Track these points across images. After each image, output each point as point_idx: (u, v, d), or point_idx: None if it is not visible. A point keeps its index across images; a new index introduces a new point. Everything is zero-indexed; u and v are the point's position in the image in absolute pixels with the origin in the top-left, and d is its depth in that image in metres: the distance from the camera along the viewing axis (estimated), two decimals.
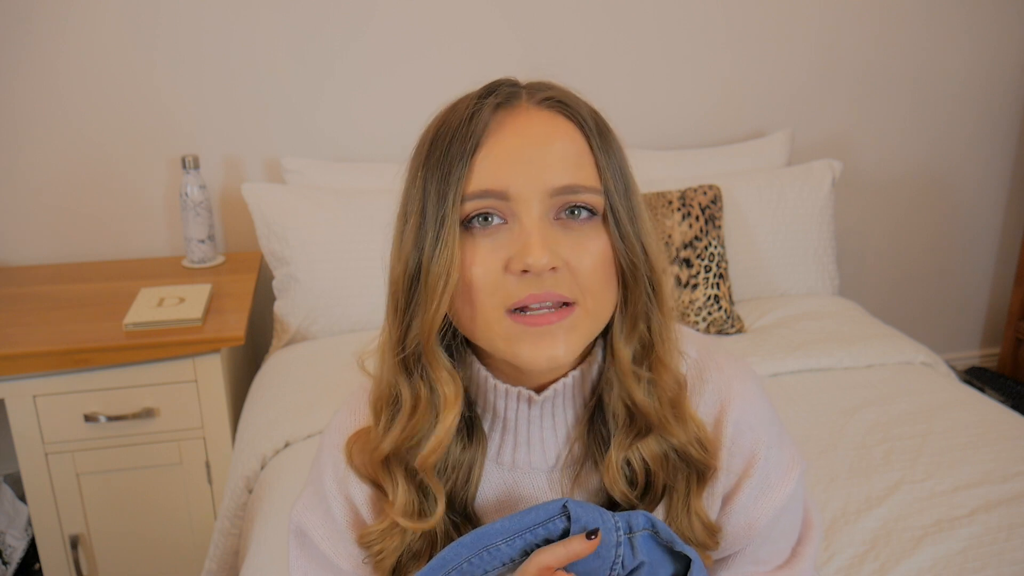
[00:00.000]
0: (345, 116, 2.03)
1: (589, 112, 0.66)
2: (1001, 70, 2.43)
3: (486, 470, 0.73)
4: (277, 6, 1.91)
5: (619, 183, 0.65)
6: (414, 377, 0.67)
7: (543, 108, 0.65)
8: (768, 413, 0.76)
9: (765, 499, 0.74)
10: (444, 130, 0.64)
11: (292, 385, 1.62)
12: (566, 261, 0.62)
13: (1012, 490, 1.29)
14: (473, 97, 0.65)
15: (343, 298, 1.79)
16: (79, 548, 1.65)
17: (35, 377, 1.54)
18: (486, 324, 0.63)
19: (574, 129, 0.65)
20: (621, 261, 0.65)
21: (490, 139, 0.63)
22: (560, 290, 0.62)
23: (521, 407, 0.70)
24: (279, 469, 1.39)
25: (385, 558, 0.70)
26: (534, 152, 0.62)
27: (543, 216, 0.62)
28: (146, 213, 2.00)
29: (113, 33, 1.86)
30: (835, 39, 2.26)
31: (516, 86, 0.67)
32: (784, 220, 2.00)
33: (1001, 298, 2.72)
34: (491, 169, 0.62)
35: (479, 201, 0.62)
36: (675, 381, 0.70)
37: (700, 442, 0.71)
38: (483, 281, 0.62)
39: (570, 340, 0.63)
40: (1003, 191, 2.59)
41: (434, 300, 0.62)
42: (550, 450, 0.72)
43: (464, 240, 0.63)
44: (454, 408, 0.66)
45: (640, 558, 0.69)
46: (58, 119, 1.89)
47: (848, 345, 1.74)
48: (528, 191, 0.62)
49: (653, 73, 2.17)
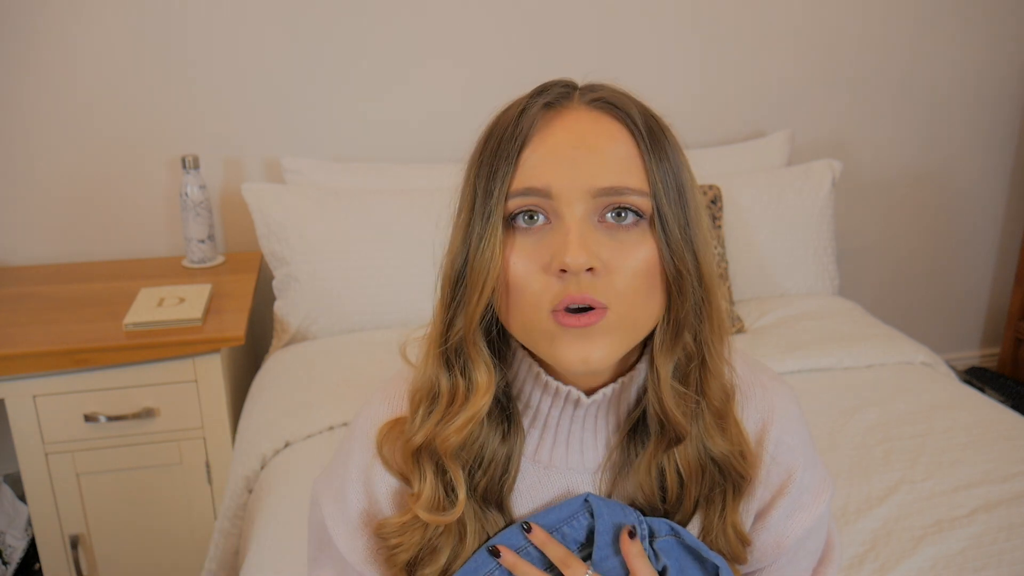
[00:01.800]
0: (345, 116, 2.03)
1: (641, 113, 0.65)
2: (1001, 70, 2.43)
3: (523, 467, 0.72)
4: (278, 7, 1.91)
5: (670, 187, 0.63)
6: (454, 370, 0.67)
7: (592, 109, 0.64)
8: (806, 435, 0.76)
9: (796, 518, 0.75)
10: (496, 129, 0.64)
11: (292, 385, 1.61)
12: (606, 263, 0.61)
13: (1012, 490, 1.29)
14: (525, 97, 0.65)
15: (343, 298, 1.79)
16: (79, 548, 1.65)
17: (35, 377, 1.54)
18: (526, 321, 0.63)
19: (623, 131, 0.64)
20: (666, 269, 0.63)
21: (536, 137, 0.62)
22: (595, 294, 0.60)
23: (567, 408, 0.70)
24: (279, 469, 1.39)
25: (402, 552, 0.70)
26: (579, 152, 0.61)
27: (585, 217, 0.61)
28: (146, 213, 2.00)
29: (114, 33, 1.86)
30: (835, 39, 2.26)
31: (569, 86, 0.66)
32: (784, 220, 2.00)
33: (1001, 298, 2.72)
34: (535, 167, 0.62)
35: (522, 199, 0.62)
36: (723, 390, 0.69)
37: (743, 453, 0.70)
38: (523, 279, 0.62)
39: (605, 345, 0.62)
40: (1003, 191, 2.59)
41: (475, 294, 0.63)
42: (588, 453, 0.72)
43: (507, 237, 0.63)
44: (485, 395, 0.66)
45: (663, 562, 0.69)
46: (58, 120, 1.89)
47: (848, 345, 1.74)
48: (571, 190, 0.61)
49: (653, 73, 2.17)
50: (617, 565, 0.68)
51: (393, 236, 1.80)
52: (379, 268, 1.79)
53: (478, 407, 0.66)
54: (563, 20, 2.06)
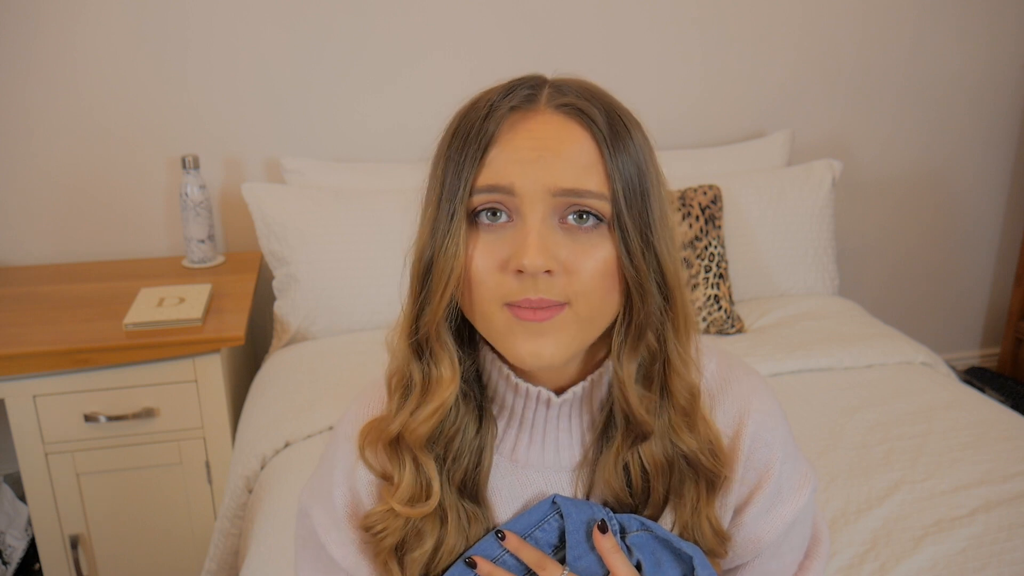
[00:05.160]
0: (345, 116, 2.03)
1: (606, 116, 0.65)
2: (1001, 70, 2.43)
3: (501, 467, 0.74)
4: (278, 8, 1.91)
5: (632, 190, 0.64)
6: (424, 359, 0.68)
7: (558, 113, 0.65)
8: (784, 430, 0.76)
9: (775, 513, 0.75)
10: (463, 125, 0.66)
11: (292, 385, 1.61)
12: (564, 264, 0.63)
13: (1012, 490, 1.29)
14: (493, 92, 0.66)
15: (343, 298, 1.79)
16: (79, 548, 1.65)
17: (35, 377, 1.54)
18: (484, 316, 0.65)
19: (586, 135, 0.64)
20: (625, 272, 0.64)
21: (502, 139, 0.64)
22: (552, 295, 0.62)
23: (539, 408, 0.71)
24: (279, 469, 1.39)
25: (388, 536, 0.71)
26: (542, 154, 0.63)
27: (546, 218, 0.63)
28: (146, 213, 2.00)
29: (114, 33, 1.86)
30: (836, 39, 2.26)
31: (536, 87, 0.67)
32: (784, 220, 2.00)
33: (1001, 298, 2.72)
34: (500, 165, 0.63)
35: (487, 195, 0.64)
36: (688, 390, 0.70)
37: (712, 450, 0.71)
38: (482, 275, 0.64)
39: (559, 340, 0.63)
40: (1003, 190, 2.59)
41: (439, 290, 0.64)
42: (564, 451, 0.73)
43: (470, 233, 0.64)
44: (448, 388, 0.67)
45: (636, 556, 0.69)
46: (58, 120, 1.89)
47: (848, 345, 1.74)
48: (533, 189, 0.62)
49: (653, 73, 2.17)
50: (593, 562, 0.69)
51: (393, 236, 1.80)
52: (379, 268, 1.79)
53: (442, 399, 0.67)
54: (564, 20, 2.06)
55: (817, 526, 0.83)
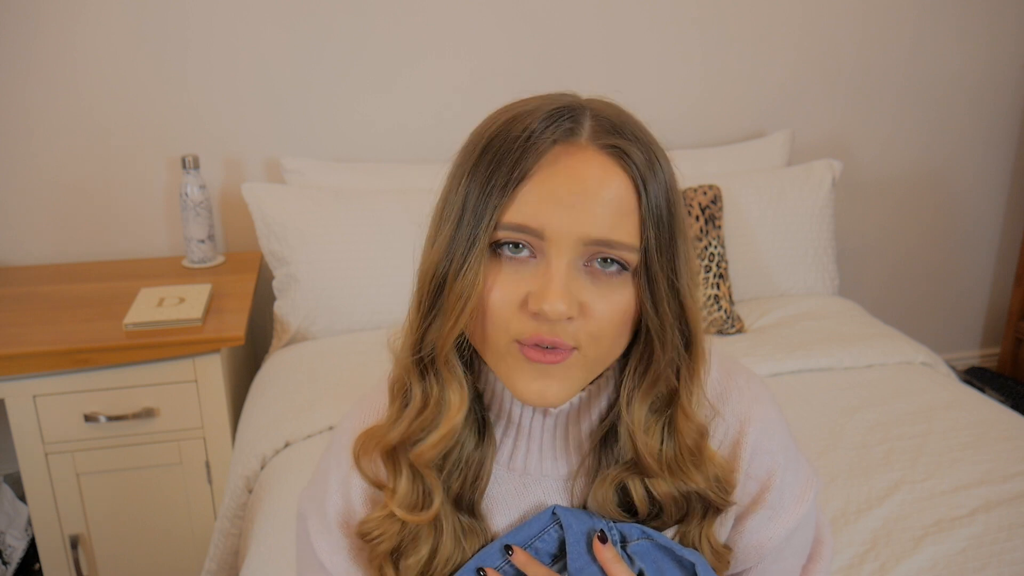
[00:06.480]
0: (345, 116, 2.03)
1: (645, 156, 0.62)
2: (1001, 70, 2.43)
3: (498, 475, 0.73)
4: (278, 8, 1.91)
5: (663, 238, 0.62)
6: (427, 378, 0.67)
7: (600, 152, 0.62)
8: (785, 437, 0.76)
9: (777, 521, 0.74)
10: (495, 146, 0.62)
11: (292, 385, 1.61)
12: (583, 307, 0.61)
13: (1012, 490, 1.29)
14: (533, 115, 0.62)
15: (343, 298, 1.79)
16: (79, 548, 1.65)
17: (35, 377, 1.54)
18: (494, 349, 0.64)
19: (627, 182, 0.61)
20: (648, 323, 0.63)
21: (539, 174, 0.61)
22: (565, 337, 0.61)
23: (536, 417, 0.71)
24: (279, 469, 1.39)
25: (384, 542, 0.71)
26: (579, 199, 0.60)
27: (572, 263, 0.61)
28: (146, 213, 2.00)
29: (114, 33, 1.86)
30: (835, 39, 2.26)
31: (578, 115, 0.63)
32: (784, 220, 2.00)
33: (1001, 298, 2.72)
34: (532, 205, 0.60)
35: (513, 233, 0.61)
36: (697, 431, 0.69)
37: (720, 485, 0.70)
38: (498, 309, 0.62)
39: (564, 382, 0.63)
40: (1003, 190, 2.59)
41: (452, 316, 0.62)
42: (561, 460, 0.73)
43: (490, 264, 0.62)
44: (458, 414, 0.66)
45: (638, 566, 0.69)
46: (58, 120, 1.89)
47: (848, 345, 1.74)
48: (563, 235, 0.60)
49: (653, 73, 2.17)
50: (594, 573, 0.68)
51: (393, 236, 1.80)
52: (379, 268, 1.79)
53: (451, 425, 0.66)
54: (564, 20, 2.06)
55: (820, 528, 0.82)
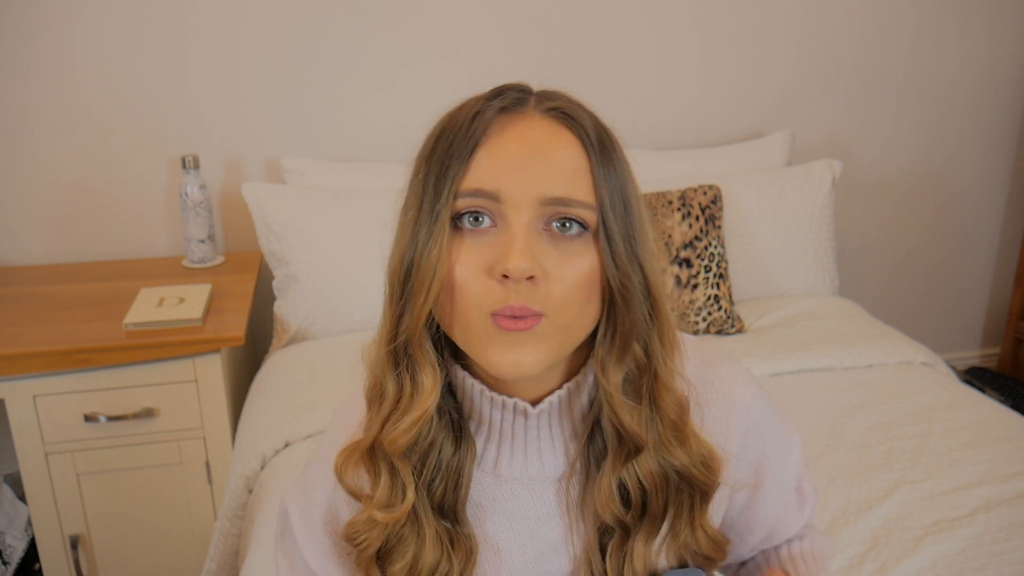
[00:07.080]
0: (345, 116, 2.03)
1: (594, 126, 0.65)
2: (1001, 70, 2.43)
3: (484, 482, 0.73)
4: (278, 8, 1.91)
5: (616, 201, 0.64)
6: (400, 369, 0.67)
7: (547, 117, 0.64)
8: (769, 411, 0.77)
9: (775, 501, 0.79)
10: (448, 128, 0.65)
11: (292, 385, 1.62)
12: (547, 272, 0.62)
13: (1012, 490, 1.29)
14: (480, 99, 0.65)
15: (343, 298, 1.79)
16: (79, 548, 1.65)
17: (35, 377, 1.54)
18: (464, 324, 0.64)
19: (576, 142, 0.64)
20: (611, 281, 0.64)
21: (490, 141, 0.63)
22: (531, 302, 0.61)
23: (517, 419, 0.70)
24: (279, 469, 1.39)
25: (368, 547, 0.71)
26: (531, 159, 0.62)
27: (531, 224, 0.62)
28: (146, 213, 2.00)
29: (114, 33, 1.86)
30: (836, 39, 2.26)
31: (525, 92, 0.66)
32: (784, 220, 2.00)
33: (1001, 298, 2.72)
34: (487, 170, 0.62)
35: (471, 199, 0.62)
36: (677, 403, 0.69)
37: (704, 463, 0.70)
38: (464, 281, 0.62)
39: (539, 350, 0.62)
40: (1003, 190, 2.59)
41: (421, 295, 0.63)
42: (548, 461, 0.72)
43: (453, 238, 0.63)
44: (431, 396, 0.66)
45: None
46: (58, 120, 1.89)
47: (848, 345, 1.74)
48: (519, 196, 0.62)
49: (653, 73, 2.17)
50: None
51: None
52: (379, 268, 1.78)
53: (424, 408, 0.66)
54: (564, 20, 2.06)
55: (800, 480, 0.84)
